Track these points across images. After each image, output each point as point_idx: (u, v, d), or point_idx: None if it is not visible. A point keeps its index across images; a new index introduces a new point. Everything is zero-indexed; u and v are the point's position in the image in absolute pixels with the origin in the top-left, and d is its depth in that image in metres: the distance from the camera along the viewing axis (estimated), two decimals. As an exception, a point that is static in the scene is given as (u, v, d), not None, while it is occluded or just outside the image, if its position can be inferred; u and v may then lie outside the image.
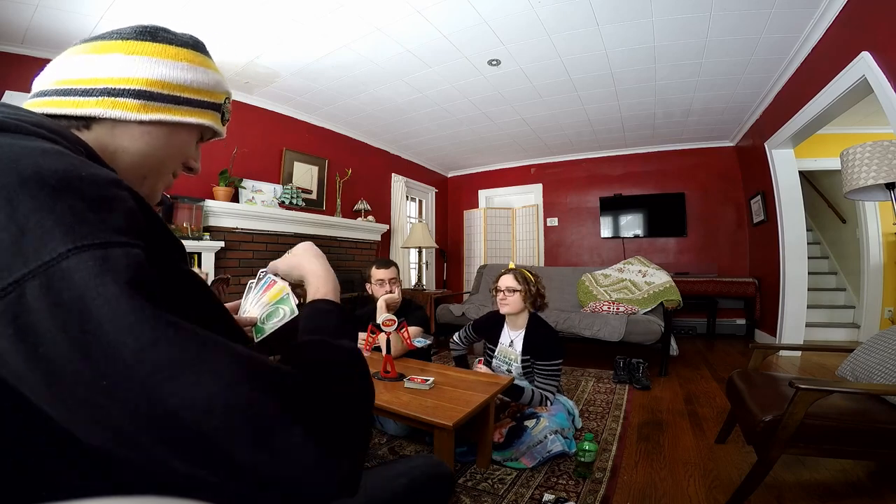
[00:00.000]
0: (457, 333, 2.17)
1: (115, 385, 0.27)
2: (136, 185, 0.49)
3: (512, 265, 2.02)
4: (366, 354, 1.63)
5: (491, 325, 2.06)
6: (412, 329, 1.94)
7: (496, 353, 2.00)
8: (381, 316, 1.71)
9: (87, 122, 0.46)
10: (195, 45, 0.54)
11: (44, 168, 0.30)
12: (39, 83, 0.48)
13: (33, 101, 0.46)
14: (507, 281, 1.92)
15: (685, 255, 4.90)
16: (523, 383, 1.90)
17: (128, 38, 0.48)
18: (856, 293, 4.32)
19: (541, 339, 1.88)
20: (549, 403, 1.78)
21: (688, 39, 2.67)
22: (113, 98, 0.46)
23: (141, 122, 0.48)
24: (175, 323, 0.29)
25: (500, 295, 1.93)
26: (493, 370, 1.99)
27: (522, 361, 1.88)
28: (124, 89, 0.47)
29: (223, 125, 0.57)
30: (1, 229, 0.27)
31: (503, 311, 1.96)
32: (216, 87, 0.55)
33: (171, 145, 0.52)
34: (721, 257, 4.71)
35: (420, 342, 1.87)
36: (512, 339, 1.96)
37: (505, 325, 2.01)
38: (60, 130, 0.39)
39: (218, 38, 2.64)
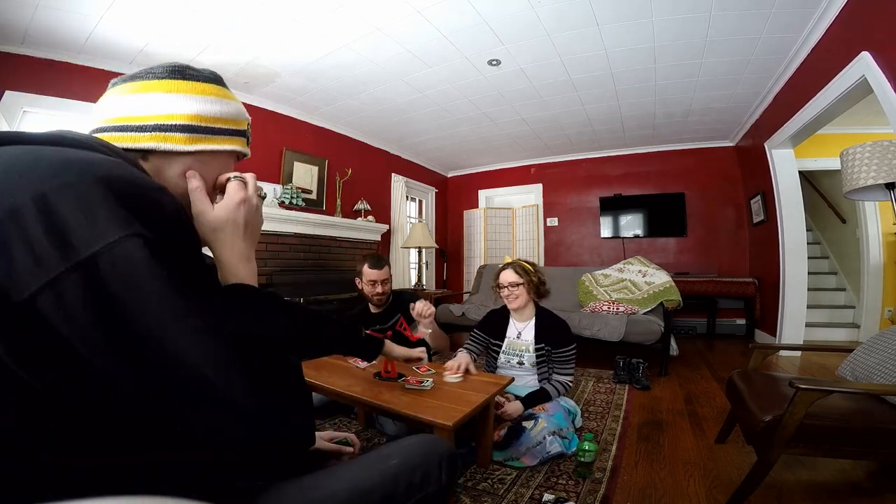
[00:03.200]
0: (466, 344, 2.09)
1: (154, 336, 0.37)
2: (185, 202, 0.59)
3: (508, 259, 2.01)
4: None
5: (495, 322, 2.05)
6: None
7: (504, 348, 1.98)
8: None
9: (145, 153, 0.56)
10: (217, 80, 0.64)
11: (112, 174, 0.41)
12: (94, 121, 0.58)
13: (98, 136, 0.55)
14: (509, 276, 1.91)
15: (685, 255, 4.90)
16: (524, 381, 1.90)
17: (163, 78, 0.58)
18: (856, 293, 4.32)
19: (555, 328, 1.90)
20: (569, 388, 1.85)
21: (688, 39, 2.67)
22: (164, 133, 0.56)
23: (189, 153, 0.58)
24: (195, 297, 0.41)
25: (506, 291, 1.92)
26: (499, 366, 1.98)
27: (537, 350, 1.88)
28: (172, 125, 0.57)
29: (248, 147, 0.69)
30: (77, 213, 0.36)
31: (512, 306, 1.95)
32: (239, 116, 0.66)
33: (213, 169, 0.63)
34: (721, 257, 4.72)
35: (424, 330, 1.83)
36: (520, 331, 1.95)
37: (511, 319, 2.00)
38: (130, 158, 0.52)
39: (218, 38, 2.63)
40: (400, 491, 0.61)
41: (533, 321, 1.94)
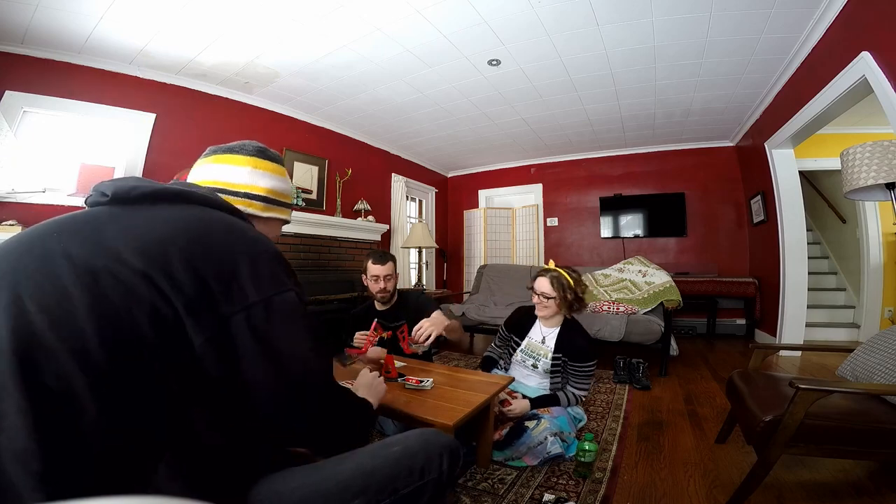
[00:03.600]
0: (494, 341, 2.12)
1: (297, 360, 0.60)
2: None
3: (551, 264, 1.92)
4: (366, 353, 1.64)
5: (522, 320, 2.02)
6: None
7: (522, 346, 1.96)
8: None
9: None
10: (281, 161, 0.85)
11: (270, 245, 0.64)
12: (201, 178, 0.77)
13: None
14: (544, 286, 1.84)
15: (685, 255, 4.90)
16: (532, 382, 1.89)
17: (251, 156, 0.79)
18: (856, 293, 4.31)
19: (578, 342, 1.84)
20: (582, 401, 1.83)
21: (688, 39, 2.67)
22: (250, 200, 0.77)
23: (264, 218, 0.80)
24: (315, 335, 0.64)
25: (536, 299, 1.87)
26: (513, 362, 1.97)
27: (553, 360, 1.84)
28: (255, 195, 0.78)
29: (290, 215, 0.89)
30: (268, 269, 0.59)
31: (540, 314, 1.91)
32: (290, 192, 0.86)
33: (273, 232, 0.84)
34: (721, 257, 4.71)
35: (417, 348, 1.84)
36: (545, 336, 1.92)
37: (538, 321, 1.97)
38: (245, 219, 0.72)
39: (218, 38, 2.63)
40: (402, 475, 0.65)
41: (558, 329, 1.90)
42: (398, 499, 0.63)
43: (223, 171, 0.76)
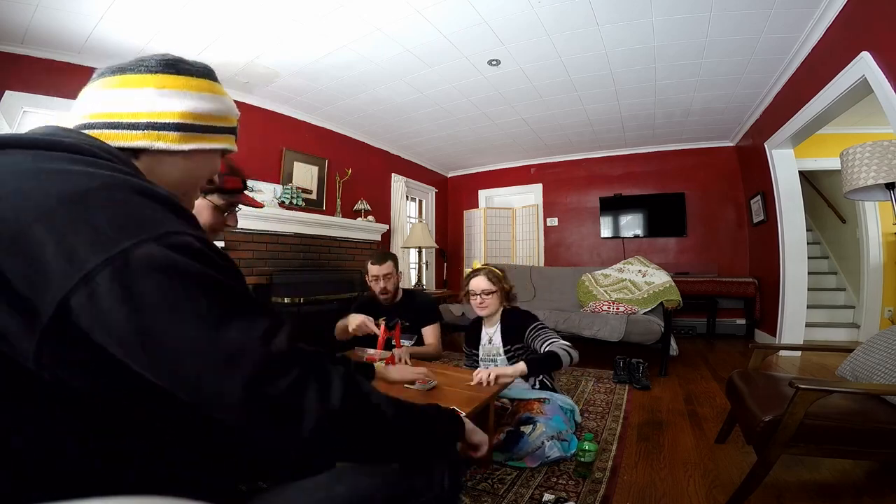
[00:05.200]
0: (464, 361, 2.16)
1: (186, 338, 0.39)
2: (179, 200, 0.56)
3: (478, 264, 1.98)
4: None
5: (473, 331, 2.07)
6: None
7: (481, 356, 2.00)
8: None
9: (136, 153, 0.55)
10: (209, 74, 0.63)
11: (138, 186, 0.43)
12: (81, 114, 0.55)
13: (87, 133, 0.54)
14: (481, 283, 1.89)
15: (685, 255, 4.90)
16: (518, 384, 1.89)
17: (156, 72, 0.56)
18: (856, 293, 4.31)
19: (516, 322, 1.89)
20: (572, 355, 1.67)
21: (688, 39, 2.67)
22: (157, 132, 0.55)
23: (181, 152, 0.57)
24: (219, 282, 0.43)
25: (478, 299, 1.90)
26: None
27: (506, 352, 1.89)
28: (165, 123, 0.55)
29: (235, 143, 0.68)
30: (116, 215, 0.39)
31: (482, 314, 1.94)
32: (230, 112, 0.65)
33: (204, 167, 0.63)
34: (721, 257, 4.71)
35: (407, 342, 1.91)
36: (490, 336, 1.97)
37: (483, 326, 2.02)
38: (124, 159, 0.51)
39: (218, 38, 2.64)
40: (400, 494, 0.59)
41: (499, 325, 1.94)
42: None
43: (115, 99, 0.54)
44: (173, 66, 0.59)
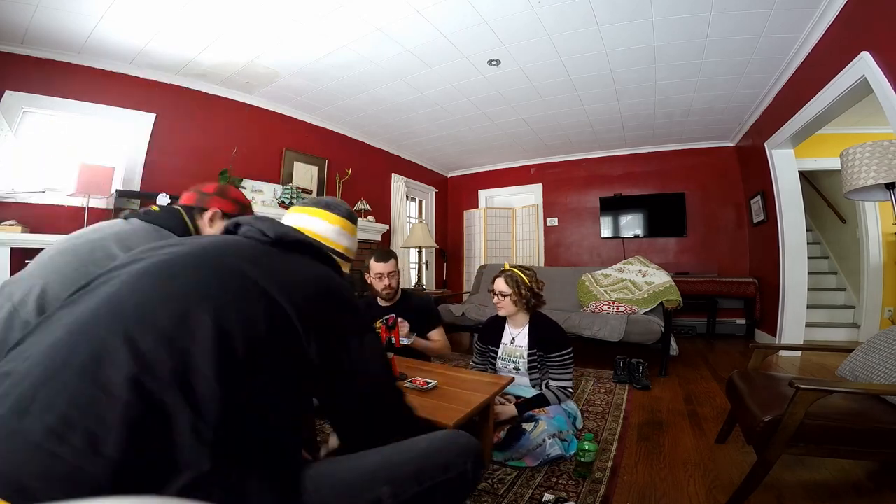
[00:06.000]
0: (473, 358, 2.15)
1: (377, 374, 0.79)
2: None
3: (507, 266, 1.98)
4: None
5: (493, 329, 2.06)
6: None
7: (500, 354, 1.99)
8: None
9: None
10: (357, 222, 1.00)
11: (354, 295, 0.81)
12: (296, 224, 0.91)
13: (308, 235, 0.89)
14: (500, 285, 1.92)
15: (685, 255, 4.90)
16: (524, 383, 1.90)
17: (343, 217, 0.95)
18: (856, 293, 4.31)
19: (547, 332, 1.89)
20: (570, 394, 1.84)
21: (688, 39, 2.67)
22: (335, 255, 0.91)
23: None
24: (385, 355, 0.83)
25: (496, 299, 1.93)
26: (498, 370, 1.99)
27: (529, 356, 1.88)
28: (335, 251, 0.92)
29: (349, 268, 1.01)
30: (351, 316, 0.76)
31: (500, 314, 1.98)
32: (355, 249, 1.00)
33: None
34: (721, 257, 4.71)
35: (406, 340, 1.93)
36: (514, 337, 1.96)
37: (506, 325, 2.01)
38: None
39: (218, 38, 2.63)
40: (427, 468, 0.69)
41: (527, 327, 1.94)
42: (423, 490, 0.67)
43: (317, 224, 0.91)
44: (351, 215, 0.98)
